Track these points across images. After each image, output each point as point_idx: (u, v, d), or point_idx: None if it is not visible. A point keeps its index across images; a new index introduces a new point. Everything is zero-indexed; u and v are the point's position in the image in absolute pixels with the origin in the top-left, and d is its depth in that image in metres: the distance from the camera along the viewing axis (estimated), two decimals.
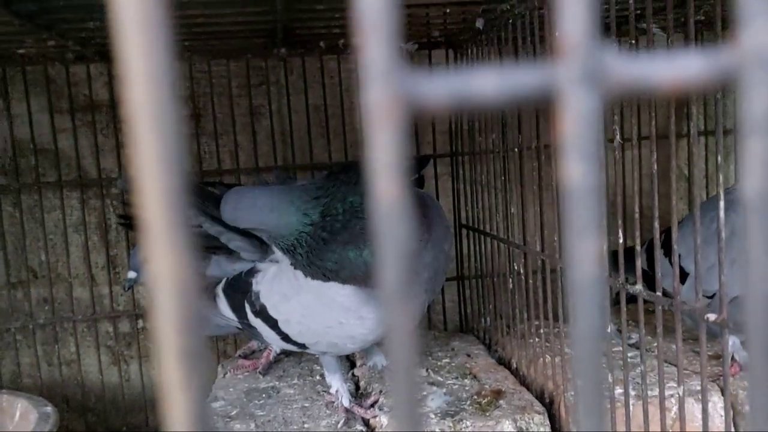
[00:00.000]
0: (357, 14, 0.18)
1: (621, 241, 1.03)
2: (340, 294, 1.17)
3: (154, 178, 0.18)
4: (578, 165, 0.17)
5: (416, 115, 0.17)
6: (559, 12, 0.18)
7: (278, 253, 1.25)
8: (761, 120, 0.18)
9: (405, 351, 0.18)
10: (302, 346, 1.26)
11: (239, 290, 1.28)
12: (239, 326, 1.32)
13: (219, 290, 1.31)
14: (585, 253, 0.18)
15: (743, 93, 0.18)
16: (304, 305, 1.21)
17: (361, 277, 1.14)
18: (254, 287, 1.26)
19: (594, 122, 0.18)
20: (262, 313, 1.25)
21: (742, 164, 0.18)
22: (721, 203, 0.85)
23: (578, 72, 0.17)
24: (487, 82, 0.17)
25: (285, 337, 1.25)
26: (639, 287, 0.99)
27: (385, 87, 0.17)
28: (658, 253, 0.99)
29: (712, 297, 1.11)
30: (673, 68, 0.18)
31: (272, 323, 1.25)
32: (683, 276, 1.20)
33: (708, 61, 0.18)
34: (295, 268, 1.21)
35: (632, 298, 1.05)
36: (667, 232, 1.07)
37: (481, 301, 1.66)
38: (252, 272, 1.28)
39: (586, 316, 0.18)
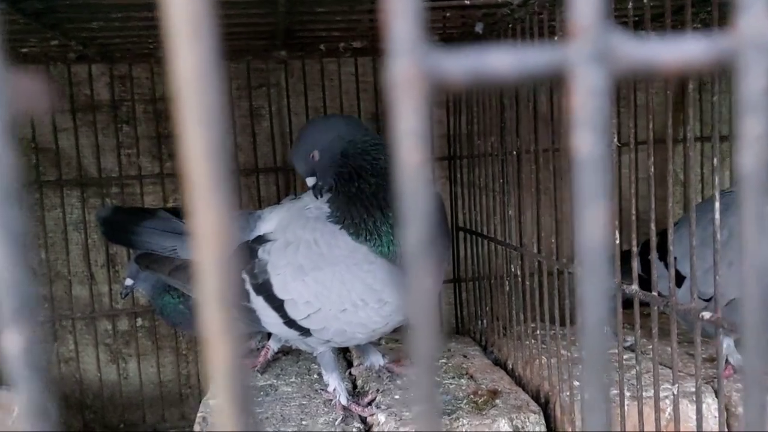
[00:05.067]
0: None
1: (617, 242, 1.05)
2: (369, 260, 1.15)
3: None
4: (588, 136, 0.19)
5: (437, 89, 0.18)
6: None
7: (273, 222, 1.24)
8: (756, 99, 0.19)
9: (426, 310, 0.19)
10: (305, 331, 1.21)
11: (240, 260, 1.20)
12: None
13: None
14: (593, 218, 0.19)
15: (740, 74, 0.19)
16: (320, 282, 1.16)
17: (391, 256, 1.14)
18: (260, 255, 1.20)
19: (603, 97, 0.19)
20: (264, 288, 1.19)
21: (740, 142, 0.20)
22: (717, 204, 0.86)
23: (589, 51, 0.19)
24: (503, 60, 0.19)
25: (288, 322, 1.20)
26: (635, 287, 1.00)
27: (410, 61, 0.18)
28: (654, 256, 1.00)
29: (709, 300, 1.11)
30: (677, 50, 0.20)
31: (276, 304, 1.19)
32: (680, 279, 1.20)
33: (709, 45, 0.20)
34: (332, 216, 1.18)
35: (628, 304, 1.06)
36: (662, 235, 1.07)
37: (477, 303, 1.68)
38: (260, 240, 1.23)
39: (593, 277, 0.19)
